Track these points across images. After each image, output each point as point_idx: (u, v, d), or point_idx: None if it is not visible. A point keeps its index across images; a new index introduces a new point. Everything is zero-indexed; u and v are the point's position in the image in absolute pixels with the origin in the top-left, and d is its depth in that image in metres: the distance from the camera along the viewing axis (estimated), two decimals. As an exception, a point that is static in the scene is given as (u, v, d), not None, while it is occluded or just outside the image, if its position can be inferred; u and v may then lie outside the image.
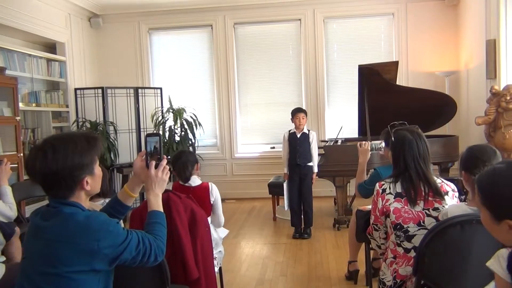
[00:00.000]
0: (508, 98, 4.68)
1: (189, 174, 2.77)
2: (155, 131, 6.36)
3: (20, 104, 5.24)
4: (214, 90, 7.25)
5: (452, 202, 2.23)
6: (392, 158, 2.39)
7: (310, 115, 6.94)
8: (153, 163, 1.70)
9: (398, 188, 2.25)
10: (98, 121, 6.06)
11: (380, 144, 2.91)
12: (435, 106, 5.29)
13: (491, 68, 5.20)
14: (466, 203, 2.13)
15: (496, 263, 1.27)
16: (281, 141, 5.08)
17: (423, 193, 2.22)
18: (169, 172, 1.74)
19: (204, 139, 7.18)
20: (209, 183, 2.86)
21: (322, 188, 5.80)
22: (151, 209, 1.67)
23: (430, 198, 2.21)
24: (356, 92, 5.31)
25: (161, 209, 1.68)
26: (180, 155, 2.94)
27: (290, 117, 4.94)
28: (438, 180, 2.29)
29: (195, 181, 2.78)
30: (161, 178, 1.71)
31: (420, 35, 6.73)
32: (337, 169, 4.96)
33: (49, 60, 6.19)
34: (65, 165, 1.47)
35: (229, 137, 7.23)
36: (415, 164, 2.26)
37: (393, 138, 2.39)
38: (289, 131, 4.98)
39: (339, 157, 5.00)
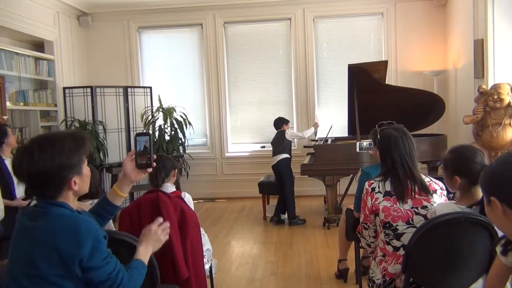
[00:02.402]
0: (495, 97, 4.73)
1: (160, 181, 2.66)
2: (145, 131, 6.33)
3: (8, 103, 5.18)
4: (204, 89, 7.23)
5: (440, 200, 2.24)
6: (380, 157, 2.41)
7: (300, 113, 6.95)
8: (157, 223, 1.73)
9: (387, 187, 2.26)
10: (87, 121, 6.01)
11: (369, 144, 2.91)
12: (424, 105, 5.32)
13: (479, 67, 5.25)
14: (454, 201, 2.14)
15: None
16: (270, 140, 5.23)
17: (411, 190, 2.23)
18: (167, 234, 1.77)
19: (194, 138, 7.16)
20: (183, 193, 2.76)
21: (312, 187, 5.82)
22: (138, 258, 1.64)
23: (417, 196, 2.22)
24: (346, 92, 5.33)
25: (146, 262, 1.65)
26: (156, 159, 2.84)
27: (285, 124, 5.60)
28: (427, 179, 2.30)
29: (167, 188, 2.67)
30: (159, 237, 1.71)
31: (409, 35, 6.78)
32: (327, 168, 4.98)
33: (37, 59, 6.12)
34: (53, 164, 1.46)
35: (219, 136, 7.22)
36: (401, 160, 2.27)
37: (379, 137, 2.41)
38: None
39: (329, 156, 5.02)
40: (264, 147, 7.11)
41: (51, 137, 1.52)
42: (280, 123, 5.76)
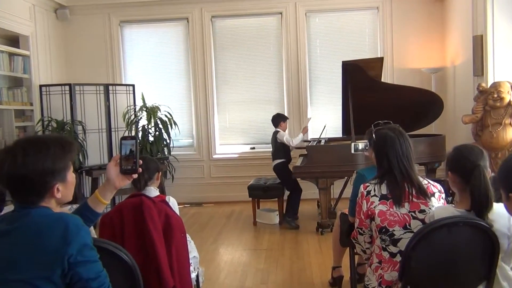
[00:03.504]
0: (495, 96, 4.79)
1: (143, 184, 2.64)
2: (127, 131, 6.30)
3: (-21, 102, 5.11)
4: (191, 87, 7.21)
5: (438, 204, 2.26)
6: (376, 158, 2.42)
7: (292, 113, 6.97)
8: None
9: (384, 190, 2.28)
10: (65, 120, 5.96)
11: (365, 145, 2.92)
12: (421, 104, 5.37)
13: (478, 65, 5.32)
14: (453, 205, 2.16)
15: None
16: (262, 141, 5.18)
17: (408, 193, 2.25)
18: None
19: (180, 139, 7.14)
20: (167, 197, 2.74)
21: (305, 191, 5.83)
22: None
23: (414, 199, 2.24)
24: (339, 89, 5.35)
25: None
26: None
27: (283, 121, 5.72)
28: (424, 181, 2.32)
29: (151, 192, 2.65)
30: None
31: (406, 30, 6.83)
32: (320, 170, 5.00)
33: (11, 55, 6.05)
34: (36, 169, 1.46)
35: (206, 137, 7.20)
36: (398, 162, 2.29)
37: (374, 138, 2.42)
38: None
39: (322, 157, 5.04)
40: (254, 148, 7.12)
41: (37, 140, 1.52)
42: (276, 120, 5.77)
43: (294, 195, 5.62)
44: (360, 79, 5.06)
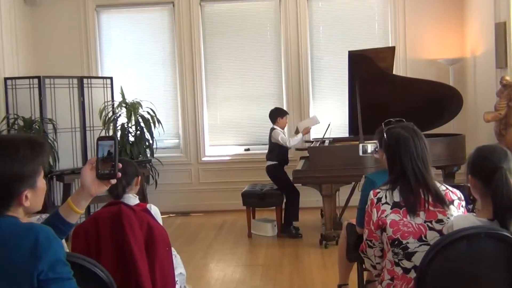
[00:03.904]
0: (521, 90, 4.80)
1: (121, 190, 2.62)
2: (104, 130, 6.29)
3: None
4: (177, 80, 7.19)
5: (458, 212, 2.27)
6: (387, 161, 2.42)
7: (292, 110, 6.97)
8: None
9: (396, 197, 2.28)
10: (33, 118, 5.94)
11: (374, 146, 2.93)
12: (438, 100, 5.38)
13: (501, 55, 5.33)
14: (474, 213, 2.17)
15: None
16: (258, 141, 5.16)
17: (424, 201, 2.25)
18: None
19: (164, 139, 7.13)
20: (148, 205, 2.74)
21: (307, 198, 5.83)
22: None
23: (431, 208, 2.24)
24: (346, 83, 5.35)
25: None
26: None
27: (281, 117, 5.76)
28: (442, 187, 2.33)
29: (130, 199, 2.63)
30: None
31: (420, 16, 6.85)
32: (324, 174, 5.00)
33: (-29, 43, 6.03)
34: (2, 174, 1.46)
35: (194, 137, 7.18)
36: (412, 165, 2.29)
37: (386, 137, 2.43)
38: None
39: (326, 160, 5.04)
40: (248, 149, 7.11)
41: (4, 141, 1.53)
42: (273, 116, 5.79)
43: (292, 198, 5.63)
44: (368, 71, 5.07)
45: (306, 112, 6.99)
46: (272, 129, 5.73)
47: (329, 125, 5.88)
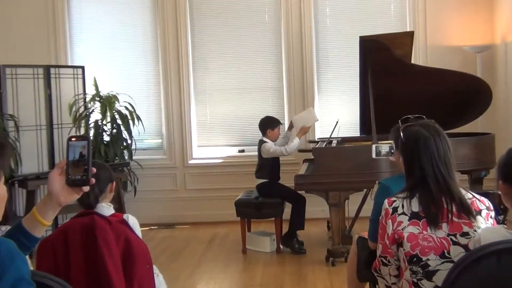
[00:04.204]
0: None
1: (94, 199, 2.62)
2: (75, 128, 6.28)
3: None
4: (159, 70, 7.19)
5: (486, 224, 2.27)
6: (404, 164, 2.43)
7: (294, 104, 6.97)
8: None
9: (415, 207, 2.28)
10: (-9, 114, 5.94)
11: (390, 147, 2.94)
12: (463, 94, 5.40)
13: (538, 42, 5.35)
14: (505, 225, 2.17)
15: None
16: (254, 142, 5.28)
17: (447, 211, 2.25)
18: None
19: (145, 139, 7.15)
20: (125, 215, 2.73)
21: (312, 208, 5.83)
22: None
23: (455, 219, 2.25)
24: (356, 74, 5.36)
25: None
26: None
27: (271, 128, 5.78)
28: (468, 195, 2.33)
29: (103, 209, 2.63)
30: None
31: (443, -3, 6.88)
32: (332, 180, 4.99)
33: None
34: None
35: (180, 136, 7.18)
36: (434, 170, 2.29)
37: (403, 137, 2.43)
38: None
39: (334, 164, 5.04)
40: (243, 151, 7.11)
41: None
42: (263, 127, 5.83)
43: (296, 205, 5.65)
44: (383, 60, 5.08)
45: (310, 106, 6.92)
46: (262, 142, 5.76)
47: (337, 122, 5.89)
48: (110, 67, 7.23)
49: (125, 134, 6.55)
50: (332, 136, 5.89)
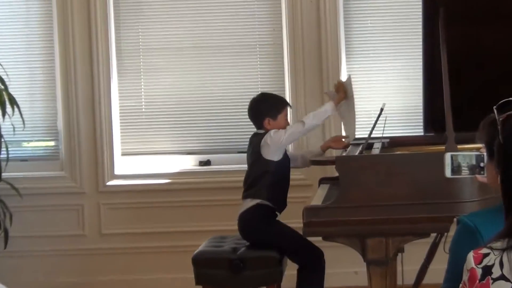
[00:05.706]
0: None
1: None
2: None
3: None
4: (53, 21, 7.28)
5: None
6: (503, 186, 2.51)
7: (304, 82, 7.03)
8: None
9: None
10: None
11: (478, 157, 3.02)
12: None
13: None
14: None
15: None
16: (226, 146, 5.49)
17: None
18: None
19: (26, 140, 7.25)
20: None
21: (335, 268, 5.94)
22: None
23: None
24: (412, 27, 5.49)
25: None
26: None
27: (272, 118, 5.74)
28: None
29: None
30: None
31: None
32: (372, 217, 4.94)
33: None
34: None
35: (90, 137, 7.25)
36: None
37: (501, 137, 2.49)
38: None
39: (375, 185, 5.06)
40: (208, 163, 7.12)
41: None
42: (257, 113, 5.84)
43: (311, 266, 5.70)
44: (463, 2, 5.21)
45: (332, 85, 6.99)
46: (258, 136, 5.75)
47: (381, 109, 5.85)
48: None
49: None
50: (372, 133, 5.72)
